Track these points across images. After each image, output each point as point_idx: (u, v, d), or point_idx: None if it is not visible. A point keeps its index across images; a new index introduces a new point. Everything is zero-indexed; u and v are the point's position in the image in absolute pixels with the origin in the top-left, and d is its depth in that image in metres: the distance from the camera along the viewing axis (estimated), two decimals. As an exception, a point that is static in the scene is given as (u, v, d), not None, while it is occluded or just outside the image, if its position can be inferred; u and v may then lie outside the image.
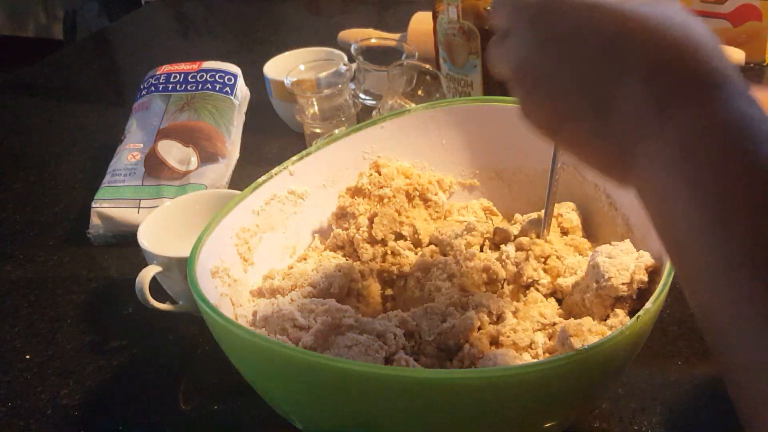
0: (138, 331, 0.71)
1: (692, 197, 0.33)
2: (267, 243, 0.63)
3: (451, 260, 0.61)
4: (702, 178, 0.33)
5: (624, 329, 0.44)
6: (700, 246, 0.33)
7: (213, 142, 0.89)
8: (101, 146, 1.01)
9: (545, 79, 0.40)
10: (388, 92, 0.85)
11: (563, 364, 0.42)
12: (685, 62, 0.36)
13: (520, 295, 0.59)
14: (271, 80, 0.97)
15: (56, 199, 0.93)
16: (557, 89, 0.39)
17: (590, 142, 0.39)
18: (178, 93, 0.94)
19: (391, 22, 1.29)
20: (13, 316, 0.74)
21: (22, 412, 0.63)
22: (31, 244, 0.85)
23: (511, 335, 0.54)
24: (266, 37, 1.33)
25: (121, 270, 0.79)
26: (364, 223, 0.65)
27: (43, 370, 0.67)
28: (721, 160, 0.33)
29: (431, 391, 0.43)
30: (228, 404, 0.62)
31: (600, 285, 0.54)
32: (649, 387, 0.59)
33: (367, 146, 0.68)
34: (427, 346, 0.54)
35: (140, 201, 0.83)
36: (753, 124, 0.34)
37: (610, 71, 0.37)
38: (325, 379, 0.45)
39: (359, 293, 0.63)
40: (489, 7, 0.89)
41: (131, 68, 1.29)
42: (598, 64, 0.38)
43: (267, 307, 0.56)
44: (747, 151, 0.33)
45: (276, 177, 0.63)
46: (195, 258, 0.54)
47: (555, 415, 0.49)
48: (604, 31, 0.38)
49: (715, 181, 0.33)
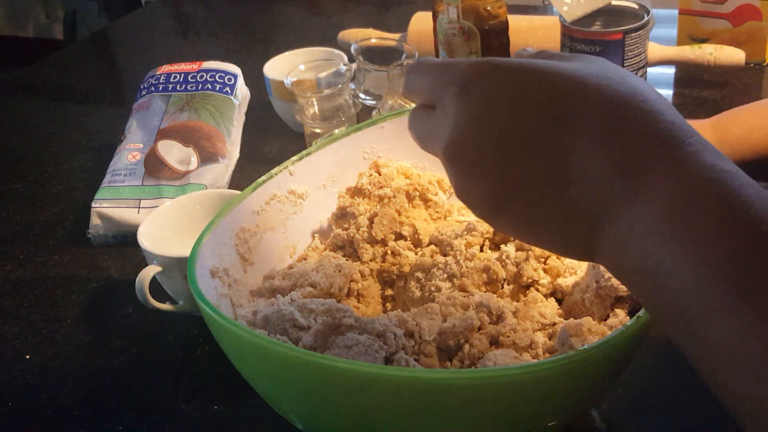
0: (138, 331, 0.71)
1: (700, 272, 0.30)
2: (267, 243, 0.63)
3: (451, 260, 0.61)
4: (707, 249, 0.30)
5: (624, 329, 0.44)
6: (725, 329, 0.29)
7: (213, 142, 0.89)
8: (101, 146, 1.01)
9: (488, 153, 0.36)
10: (388, 92, 0.85)
11: (563, 364, 0.42)
12: (639, 119, 0.33)
13: (520, 295, 0.59)
14: (271, 80, 0.97)
15: (56, 199, 0.93)
16: (504, 162, 0.35)
17: (545, 216, 0.36)
18: (178, 93, 0.94)
19: (391, 22, 1.29)
20: (13, 316, 0.74)
21: (22, 412, 0.63)
22: (31, 244, 0.85)
23: (511, 335, 0.54)
24: (266, 37, 1.33)
25: (121, 270, 0.79)
26: (364, 223, 0.65)
27: (43, 370, 0.67)
28: (722, 227, 0.30)
29: (431, 391, 0.43)
30: (228, 404, 0.62)
31: (600, 285, 0.54)
32: (649, 387, 0.59)
33: (367, 146, 0.68)
34: (427, 346, 0.54)
35: (140, 201, 0.83)
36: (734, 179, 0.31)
37: (561, 134, 0.34)
38: (325, 379, 0.45)
39: (359, 293, 0.63)
40: (489, 6, 0.89)
41: (131, 68, 1.29)
42: (546, 129, 0.34)
43: (267, 307, 0.56)
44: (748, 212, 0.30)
45: (276, 177, 0.63)
46: (195, 258, 0.54)
47: (555, 415, 0.49)
48: (548, 95, 0.35)
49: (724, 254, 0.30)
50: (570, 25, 0.90)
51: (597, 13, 0.92)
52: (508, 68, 0.36)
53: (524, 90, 0.35)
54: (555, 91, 0.35)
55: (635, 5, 0.92)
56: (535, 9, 1.29)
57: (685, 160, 0.32)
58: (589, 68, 0.36)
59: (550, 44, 0.99)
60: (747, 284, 0.29)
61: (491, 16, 0.90)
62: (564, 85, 0.35)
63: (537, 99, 0.35)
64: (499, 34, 0.91)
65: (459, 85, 0.37)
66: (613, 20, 0.90)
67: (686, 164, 0.32)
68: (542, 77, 0.35)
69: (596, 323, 0.52)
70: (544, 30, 1.03)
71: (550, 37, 1.00)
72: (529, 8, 1.28)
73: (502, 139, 0.35)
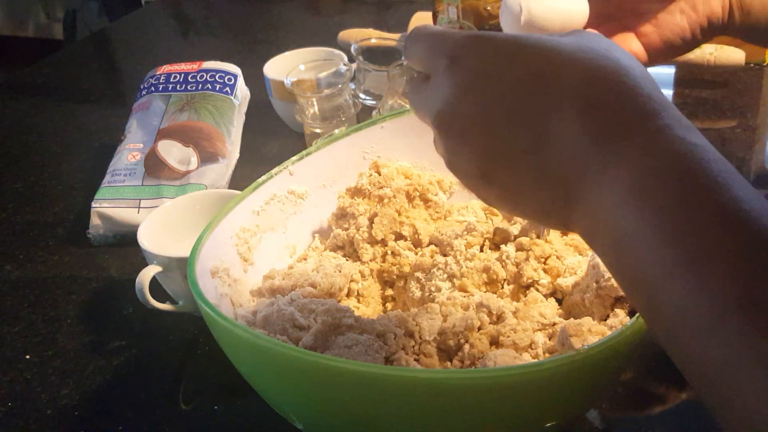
0: (138, 331, 0.71)
1: (659, 239, 0.31)
2: (267, 243, 0.63)
3: (451, 260, 0.61)
4: (668, 218, 0.31)
5: (624, 329, 0.44)
6: (676, 291, 0.30)
7: (213, 142, 0.89)
8: (101, 146, 1.01)
9: (474, 123, 0.37)
10: (388, 92, 0.85)
11: (563, 364, 0.42)
12: (619, 93, 0.34)
13: (520, 295, 0.59)
14: (271, 80, 0.97)
15: (56, 199, 0.93)
16: (489, 131, 0.37)
17: (527, 185, 0.37)
18: (178, 93, 0.94)
19: (391, 22, 1.29)
20: (13, 316, 0.74)
21: (22, 412, 0.63)
22: (31, 244, 0.85)
23: (511, 335, 0.54)
24: (266, 37, 1.33)
25: (121, 270, 0.79)
26: (364, 223, 0.65)
27: (43, 370, 0.67)
28: (684, 198, 0.31)
29: (431, 391, 0.43)
30: (228, 404, 0.62)
31: (600, 285, 0.54)
32: (649, 387, 0.59)
33: (367, 146, 0.68)
34: (427, 346, 0.54)
35: (140, 201, 0.83)
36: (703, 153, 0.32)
37: (544, 106, 0.35)
38: (325, 379, 0.45)
39: (359, 293, 0.63)
40: (489, 6, 0.89)
41: (131, 68, 1.30)
42: (530, 100, 0.36)
43: (267, 307, 0.56)
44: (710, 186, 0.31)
45: (276, 177, 0.63)
46: (195, 258, 0.54)
47: (555, 415, 0.49)
48: (533, 67, 0.36)
49: (683, 222, 0.31)
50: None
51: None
52: (498, 41, 0.37)
53: (511, 62, 0.36)
54: (540, 63, 0.36)
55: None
56: (535, 9, 1.29)
57: (657, 133, 0.33)
58: (577, 42, 0.37)
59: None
60: (702, 249, 0.30)
61: (491, 16, 0.90)
62: (549, 58, 0.36)
63: (522, 71, 0.36)
64: (499, 34, 0.91)
65: (450, 57, 0.38)
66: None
67: (657, 137, 0.33)
68: (529, 50, 0.36)
69: (596, 323, 0.52)
70: (544, 30, 1.02)
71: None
72: (529, 8, 1.27)
73: (488, 109, 0.36)
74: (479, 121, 0.37)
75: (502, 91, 0.36)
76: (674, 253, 0.31)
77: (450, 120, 0.38)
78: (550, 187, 0.36)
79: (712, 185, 0.31)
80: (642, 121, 0.34)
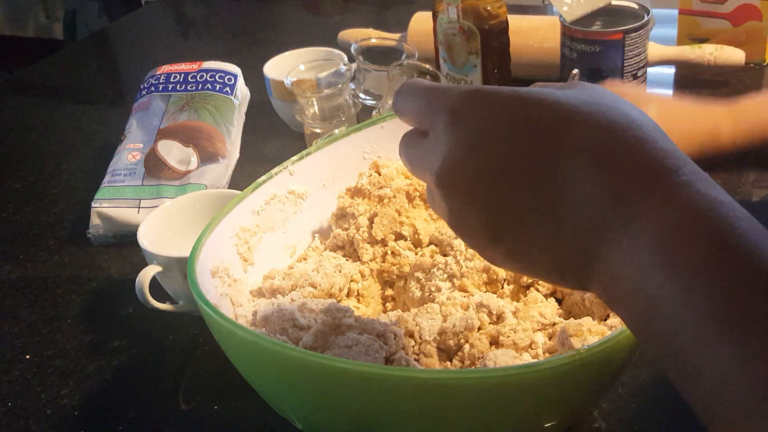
0: (138, 331, 0.71)
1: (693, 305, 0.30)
2: (267, 243, 0.63)
3: (451, 260, 0.61)
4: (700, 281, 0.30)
5: (624, 329, 0.44)
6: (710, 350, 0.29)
7: (213, 142, 0.89)
8: (101, 146, 1.01)
9: (480, 181, 0.35)
10: (388, 92, 0.85)
11: (563, 364, 0.42)
12: (633, 147, 0.33)
13: (520, 295, 0.59)
14: (271, 80, 0.97)
15: (56, 199, 0.93)
16: (497, 189, 0.35)
17: (539, 244, 0.35)
18: (178, 93, 0.94)
19: (391, 22, 1.29)
20: (13, 316, 0.74)
21: (22, 412, 0.63)
22: (31, 244, 0.85)
23: (511, 335, 0.54)
24: (266, 37, 1.33)
25: (121, 270, 0.79)
26: (364, 223, 0.65)
27: (43, 370, 0.67)
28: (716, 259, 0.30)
29: (431, 391, 0.43)
30: (228, 404, 0.62)
31: (600, 285, 0.54)
32: (649, 387, 0.59)
33: (367, 146, 0.68)
34: (427, 346, 0.54)
35: (140, 201, 0.83)
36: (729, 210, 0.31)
37: (555, 162, 0.34)
38: (325, 379, 0.45)
39: (359, 293, 0.63)
40: (489, 6, 0.89)
41: (131, 68, 1.30)
42: (539, 157, 0.34)
43: (267, 307, 0.56)
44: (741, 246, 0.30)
45: (276, 177, 0.63)
46: (195, 258, 0.54)
47: (555, 415, 0.49)
48: (543, 122, 0.34)
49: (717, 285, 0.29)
50: (570, 25, 0.90)
51: (597, 13, 0.92)
52: (500, 96, 0.36)
53: (516, 118, 0.35)
54: (547, 119, 0.34)
55: (635, 5, 0.92)
56: (535, 9, 1.29)
57: (679, 189, 0.32)
58: (580, 96, 0.36)
59: (550, 44, 0.99)
60: (737, 315, 0.29)
61: (491, 16, 0.90)
62: (556, 113, 0.34)
63: (529, 127, 0.35)
64: (499, 34, 0.91)
65: (450, 113, 0.36)
66: (613, 20, 0.90)
67: (680, 194, 0.32)
68: (533, 105, 0.35)
69: (596, 323, 0.52)
70: (544, 30, 1.02)
71: (550, 37, 1.00)
72: (529, 8, 1.28)
73: (494, 167, 0.35)
74: (486, 179, 0.35)
75: (509, 147, 0.35)
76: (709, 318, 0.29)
77: (454, 178, 0.36)
78: (565, 246, 0.35)
79: (743, 245, 0.30)
80: (662, 177, 0.32)
